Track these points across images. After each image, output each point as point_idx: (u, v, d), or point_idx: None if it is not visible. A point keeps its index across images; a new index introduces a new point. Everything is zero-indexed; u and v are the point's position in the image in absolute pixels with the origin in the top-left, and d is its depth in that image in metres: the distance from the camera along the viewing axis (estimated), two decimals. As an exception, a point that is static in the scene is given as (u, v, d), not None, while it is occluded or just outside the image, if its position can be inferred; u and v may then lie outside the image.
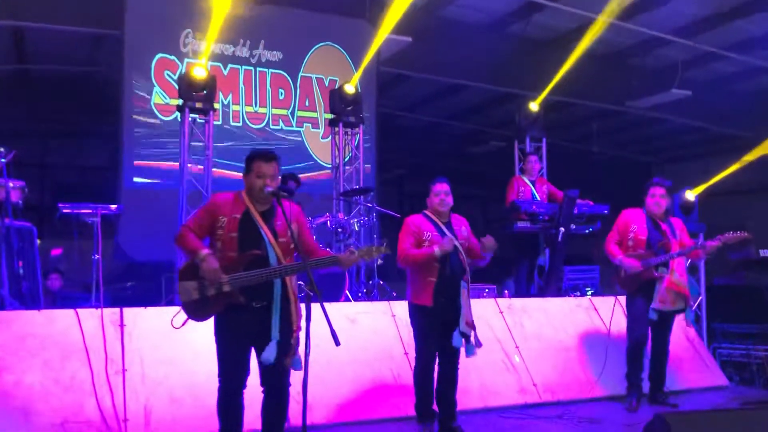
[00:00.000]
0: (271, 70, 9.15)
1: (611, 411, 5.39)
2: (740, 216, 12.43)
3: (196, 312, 3.62)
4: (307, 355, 3.53)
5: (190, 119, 7.10)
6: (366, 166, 8.77)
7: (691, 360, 6.42)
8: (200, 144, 7.23)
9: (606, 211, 7.16)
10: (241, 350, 3.69)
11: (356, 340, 5.41)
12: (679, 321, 6.43)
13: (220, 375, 3.71)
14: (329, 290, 5.98)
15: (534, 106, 8.92)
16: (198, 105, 6.98)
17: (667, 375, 6.06)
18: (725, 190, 12.18)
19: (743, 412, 3.82)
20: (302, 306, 3.65)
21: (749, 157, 10.27)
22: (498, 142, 13.71)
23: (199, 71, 7.02)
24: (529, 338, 5.99)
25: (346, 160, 8.33)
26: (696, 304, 7.36)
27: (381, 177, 10.23)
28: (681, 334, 6.56)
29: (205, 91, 6.90)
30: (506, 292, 6.97)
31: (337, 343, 3.44)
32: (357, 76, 8.83)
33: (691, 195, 7.24)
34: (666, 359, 5.41)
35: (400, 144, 13.40)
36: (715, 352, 7.12)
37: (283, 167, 8.28)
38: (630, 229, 5.44)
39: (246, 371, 3.71)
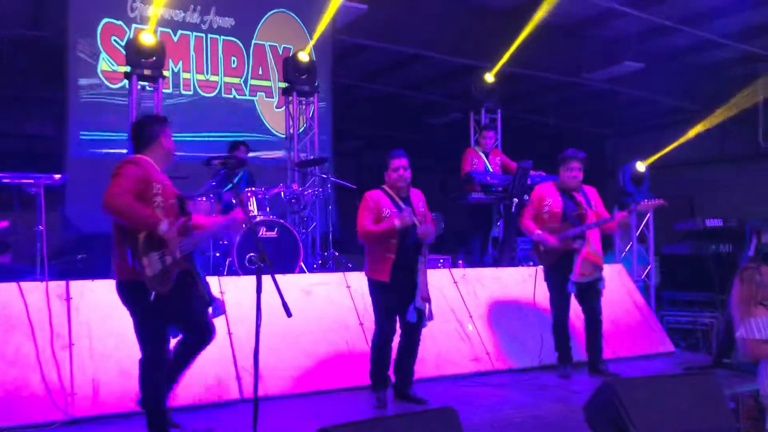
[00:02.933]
0: (222, 37, 8.91)
1: (561, 378, 5.49)
2: (692, 187, 12.77)
3: (160, 284, 3.53)
4: (258, 326, 3.50)
5: (138, 87, 6.89)
6: (322, 137, 8.67)
7: (638, 327, 6.58)
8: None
9: (559, 182, 7.22)
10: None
11: (311, 311, 5.39)
12: (622, 287, 6.58)
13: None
14: (283, 262, 5.92)
15: (489, 78, 8.91)
16: (146, 72, 6.78)
17: (616, 341, 6.23)
18: (679, 162, 12.50)
19: (685, 377, 3.94)
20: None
21: (696, 130, 10.50)
22: (456, 114, 13.70)
23: (147, 37, 6.80)
24: (482, 307, 6.06)
25: (301, 130, 8.21)
26: (645, 273, 7.55)
27: (338, 148, 10.12)
28: (629, 301, 6.72)
29: (153, 58, 6.69)
30: (460, 262, 7.02)
31: (289, 315, 3.42)
32: (311, 44, 8.68)
33: (641, 166, 7.36)
34: (599, 328, 5.45)
35: (358, 114, 13.28)
36: (663, 320, 7.31)
37: (236, 136, 8.14)
38: (544, 203, 5.43)
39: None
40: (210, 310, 3.82)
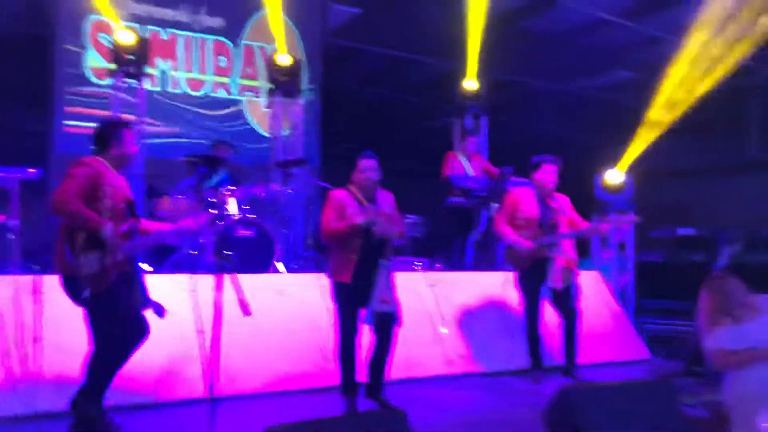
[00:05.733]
0: (212, 37, 8.95)
1: (532, 382, 5.51)
2: (684, 196, 12.79)
3: (95, 282, 3.61)
4: (216, 326, 3.52)
5: (125, 84, 6.93)
6: (310, 139, 8.71)
7: (614, 334, 6.60)
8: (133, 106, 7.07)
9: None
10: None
11: (283, 311, 5.41)
12: (598, 295, 6.60)
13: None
14: (259, 261, 5.93)
15: (472, 84, 8.91)
16: (130, 70, 6.81)
17: (591, 347, 6.24)
18: (670, 171, 12.55)
19: (642, 383, 3.95)
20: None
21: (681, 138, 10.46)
22: (448, 119, 13.73)
23: (126, 36, 6.84)
24: (457, 311, 6.08)
25: (287, 131, 8.24)
26: (623, 280, 7.56)
27: (331, 151, 10.14)
28: (605, 308, 6.74)
29: (135, 56, 6.72)
30: (438, 265, 7.03)
31: (246, 313, 3.43)
32: (285, 44, 8.57)
33: (619, 174, 7.36)
34: (574, 333, 5.48)
35: (352, 118, 13.30)
36: (643, 327, 7.32)
37: (221, 135, 8.13)
38: (520, 207, 5.45)
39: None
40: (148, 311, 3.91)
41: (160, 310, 3.90)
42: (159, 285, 4.66)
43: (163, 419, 4.24)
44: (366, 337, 4.64)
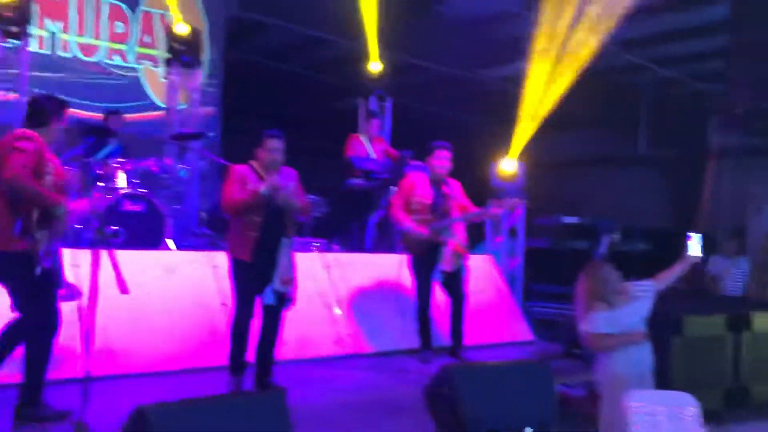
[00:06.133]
0: (107, 1, 8.49)
1: (421, 362, 5.62)
2: (577, 186, 13.37)
3: (44, 259, 3.54)
4: (92, 303, 3.38)
5: (6, 44, 6.47)
6: (210, 113, 8.46)
7: (501, 316, 6.85)
8: (16, 72, 6.63)
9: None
10: None
11: (173, 290, 5.27)
12: (489, 278, 6.81)
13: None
14: (148, 237, 5.73)
15: (377, 66, 8.92)
16: (13, 29, 6.36)
17: (479, 329, 6.43)
18: (567, 162, 13.08)
19: (519, 363, 4.11)
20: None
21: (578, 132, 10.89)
22: (355, 99, 13.70)
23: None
24: (352, 292, 6.11)
25: (184, 104, 7.98)
26: (514, 265, 7.83)
27: (236, 126, 9.89)
28: (495, 291, 6.97)
29: (16, 14, 6.27)
30: (336, 247, 7.03)
31: (123, 291, 3.32)
32: (180, 12, 8.26)
33: (512, 163, 7.59)
34: (461, 315, 5.64)
35: (255, 93, 13.03)
36: (530, 311, 7.61)
37: (114, 105, 7.81)
38: (415, 192, 5.55)
39: None
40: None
41: (74, 293, 3.74)
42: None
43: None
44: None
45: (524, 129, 7.64)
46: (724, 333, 5.84)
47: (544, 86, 8.08)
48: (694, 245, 4.11)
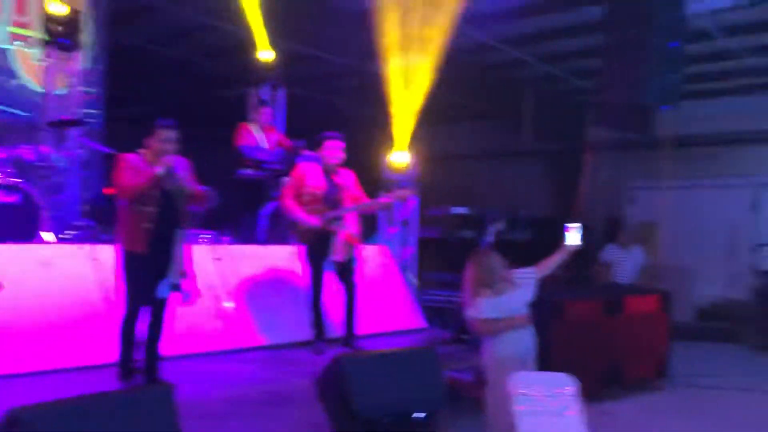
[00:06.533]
0: (-26, -26, 7.85)
1: (314, 354, 5.62)
2: (468, 178, 13.78)
3: None
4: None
5: None
6: (92, 98, 8.01)
7: (395, 305, 6.98)
8: None
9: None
10: None
11: (49, 284, 4.97)
12: (383, 267, 6.91)
13: None
14: (23, 230, 5.39)
15: (269, 54, 8.79)
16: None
17: (374, 318, 6.52)
18: (458, 154, 13.43)
19: (408, 350, 4.20)
20: None
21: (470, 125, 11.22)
22: (245, 88, 13.43)
23: None
24: (243, 285, 6.01)
25: (63, 89, 7.52)
26: (407, 255, 7.98)
27: (119, 113, 9.43)
28: (389, 280, 7.09)
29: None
30: (226, 238, 6.89)
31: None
32: None
33: (404, 155, 7.71)
34: (354, 305, 5.69)
35: (142, 79, 12.48)
36: (423, 299, 7.78)
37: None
38: (306, 182, 5.56)
39: None
40: None
41: None
42: None
43: None
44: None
45: (406, 122, 7.78)
46: (600, 317, 6.25)
47: (412, 80, 8.25)
48: (573, 235, 4.34)
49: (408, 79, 8.03)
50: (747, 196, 10.10)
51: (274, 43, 9.05)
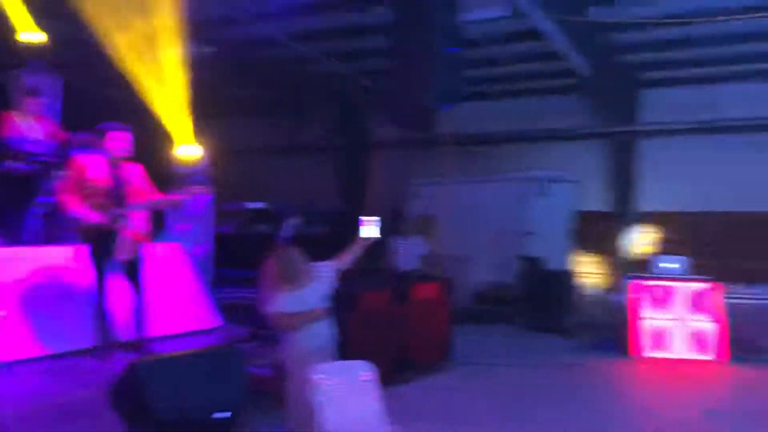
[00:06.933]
0: None
1: (102, 361, 5.27)
2: (263, 172, 13.65)
3: None
4: None
5: None
6: None
7: (191, 304, 6.75)
8: None
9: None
10: None
11: None
12: (177, 266, 6.66)
13: None
14: None
15: (36, 36, 7.93)
16: None
17: (168, 319, 6.24)
18: (252, 150, 13.24)
19: (207, 350, 4.13)
20: None
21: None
22: (5, 73, 12.02)
23: None
24: (15, 291, 5.44)
25: None
26: (202, 251, 7.74)
27: None
28: (183, 279, 6.84)
29: None
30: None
31: None
32: None
33: (192, 149, 7.47)
34: (142, 306, 5.43)
35: None
36: (219, 296, 7.59)
37: None
38: (87, 176, 5.22)
39: None
40: None
41: None
42: None
43: None
44: None
45: (181, 115, 7.55)
46: (389, 306, 6.59)
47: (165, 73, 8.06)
48: (369, 228, 4.53)
49: (160, 72, 7.71)
50: (516, 190, 11.17)
51: (43, 24, 8.18)
